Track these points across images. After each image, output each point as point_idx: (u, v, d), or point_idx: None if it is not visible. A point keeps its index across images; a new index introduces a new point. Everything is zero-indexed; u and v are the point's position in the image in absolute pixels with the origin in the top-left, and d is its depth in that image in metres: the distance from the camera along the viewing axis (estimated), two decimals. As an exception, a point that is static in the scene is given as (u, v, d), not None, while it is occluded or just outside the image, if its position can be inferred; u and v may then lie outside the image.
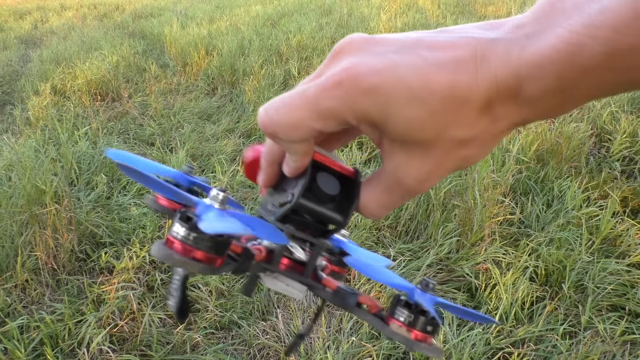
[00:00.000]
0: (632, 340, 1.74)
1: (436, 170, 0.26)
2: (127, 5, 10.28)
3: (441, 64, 0.23)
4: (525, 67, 0.22)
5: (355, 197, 0.30)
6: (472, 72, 0.23)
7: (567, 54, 0.20)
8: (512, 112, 0.24)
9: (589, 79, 0.21)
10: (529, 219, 2.37)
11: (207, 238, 0.26)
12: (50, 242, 2.12)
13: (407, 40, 0.25)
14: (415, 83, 0.23)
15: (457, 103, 0.23)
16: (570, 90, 0.22)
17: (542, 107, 0.23)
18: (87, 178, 2.82)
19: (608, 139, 3.01)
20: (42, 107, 3.90)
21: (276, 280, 0.33)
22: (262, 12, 7.44)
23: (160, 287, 2.03)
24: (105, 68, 4.73)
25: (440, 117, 0.24)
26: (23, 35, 7.85)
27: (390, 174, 0.28)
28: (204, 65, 5.01)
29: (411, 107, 0.24)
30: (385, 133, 0.26)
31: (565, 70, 0.21)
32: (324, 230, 0.32)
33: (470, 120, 0.24)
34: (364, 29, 5.61)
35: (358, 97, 0.24)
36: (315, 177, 0.30)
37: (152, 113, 4.00)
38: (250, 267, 0.31)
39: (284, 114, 0.26)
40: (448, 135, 0.25)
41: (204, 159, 3.23)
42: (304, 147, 0.28)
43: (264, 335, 1.82)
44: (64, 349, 1.73)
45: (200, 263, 0.26)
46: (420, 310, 0.29)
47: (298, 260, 0.32)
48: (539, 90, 0.22)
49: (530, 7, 0.24)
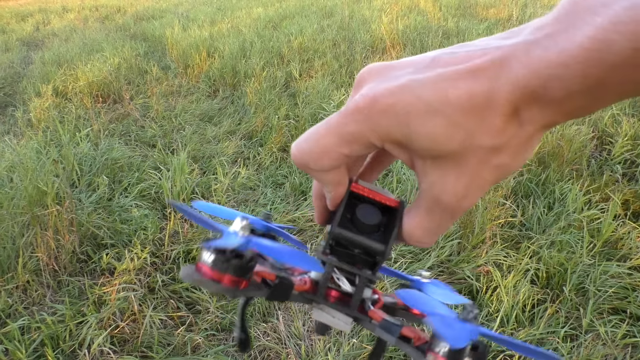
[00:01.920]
0: (633, 343, 1.74)
1: (473, 183, 0.26)
2: (128, 7, 10.31)
3: (458, 76, 0.24)
4: (548, 67, 0.21)
5: (396, 226, 0.30)
6: (491, 79, 0.23)
7: (594, 51, 0.20)
8: (538, 115, 0.23)
9: (616, 77, 0.20)
10: (530, 222, 2.37)
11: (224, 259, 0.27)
12: (52, 244, 2.12)
13: (423, 61, 0.25)
14: (431, 97, 0.24)
15: (479, 110, 0.23)
16: (596, 89, 0.21)
17: (568, 108, 0.23)
18: (88, 179, 2.83)
19: (609, 142, 3.01)
20: (43, 108, 3.91)
21: (322, 311, 0.33)
22: (263, 14, 7.46)
23: (161, 289, 2.03)
24: (106, 70, 4.74)
25: (463, 126, 0.24)
26: (25, 37, 7.87)
27: (427, 193, 0.27)
28: (205, 67, 5.02)
29: (431, 120, 0.24)
30: (413, 152, 0.26)
31: (592, 68, 0.20)
32: (372, 263, 0.32)
33: (497, 126, 0.24)
34: (365, 31, 5.62)
35: (377, 118, 0.25)
36: (356, 208, 0.31)
37: (154, 115, 4.00)
38: (291, 296, 0.31)
39: (312, 143, 0.27)
40: (476, 144, 0.24)
41: (205, 161, 3.24)
42: (336, 176, 0.29)
43: (265, 337, 1.82)
44: (64, 350, 1.73)
45: (219, 284, 0.26)
46: None
47: (345, 292, 0.33)
48: (564, 90, 0.22)
49: (531, 9, 0.24)
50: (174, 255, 2.21)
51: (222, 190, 2.72)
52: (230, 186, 2.82)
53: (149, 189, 2.75)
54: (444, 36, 5.23)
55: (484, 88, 0.23)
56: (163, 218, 2.54)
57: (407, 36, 5.21)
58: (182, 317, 1.93)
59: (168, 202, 0.38)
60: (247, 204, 2.70)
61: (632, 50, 0.19)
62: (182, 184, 2.67)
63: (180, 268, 2.15)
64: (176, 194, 2.62)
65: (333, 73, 4.43)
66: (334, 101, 3.56)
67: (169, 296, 2.01)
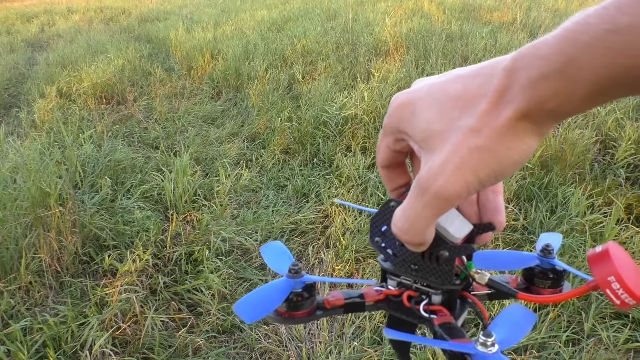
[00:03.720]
0: (635, 348, 1.73)
1: (449, 160, 0.26)
2: (133, 9, 10.34)
3: (462, 78, 0.28)
4: (532, 45, 0.24)
5: None
6: (488, 76, 0.27)
7: (571, 32, 0.23)
8: (517, 97, 0.25)
9: (588, 56, 0.22)
10: (532, 225, 2.37)
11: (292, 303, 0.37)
12: (54, 245, 2.13)
13: (442, 75, 0.30)
14: (437, 93, 0.29)
15: (470, 98, 0.27)
16: (570, 68, 0.23)
17: (542, 91, 0.24)
18: (91, 181, 2.84)
19: (613, 146, 3.00)
20: (47, 109, 3.92)
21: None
22: (267, 16, 7.47)
23: (163, 290, 2.03)
24: (110, 71, 4.76)
25: (454, 110, 0.28)
26: (30, 39, 7.91)
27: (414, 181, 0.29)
28: (209, 69, 5.03)
29: (430, 108, 0.29)
30: (416, 140, 0.30)
31: (569, 48, 0.22)
32: None
33: (481, 110, 0.26)
34: (368, 34, 5.62)
35: (395, 112, 0.31)
36: None
37: (157, 116, 4.01)
38: (366, 307, 0.39)
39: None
40: (460, 125, 0.27)
41: (207, 162, 3.24)
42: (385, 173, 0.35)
43: (266, 339, 1.82)
44: (66, 351, 1.74)
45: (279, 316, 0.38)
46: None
47: None
48: (541, 68, 0.24)
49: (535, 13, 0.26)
50: (176, 257, 2.21)
51: (225, 192, 2.72)
52: (232, 188, 2.83)
53: (152, 191, 2.75)
54: (447, 39, 5.23)
55: (477, 82, 0.27)
56: (165, 220, 2.55)
57: (411, 39, 5.21)
58: (183, 319, 1.93)
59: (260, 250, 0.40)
60: (249, 206, 2.70)
61: (606, 32, 0.21)
62: (185, 186, 2.68)
63: (182, 269, 2.16)
64: (178, 196, 2.63)
65: (336, 75, 4.43)
66: (337, 103, 3.56)
67: (170, 298, 2.02)
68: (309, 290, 0.38)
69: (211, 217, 2.49)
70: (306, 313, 0.38)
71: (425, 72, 4.30)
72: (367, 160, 2.96)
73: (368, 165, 2.95)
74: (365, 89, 3.72)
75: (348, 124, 3.36)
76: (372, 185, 2.71)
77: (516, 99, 0.25)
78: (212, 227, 2.39)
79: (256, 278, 2.13)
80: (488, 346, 0.29)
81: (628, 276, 0.27)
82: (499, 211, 0.34)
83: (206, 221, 2.42)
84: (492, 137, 0.26)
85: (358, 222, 2.40)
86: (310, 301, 0.38)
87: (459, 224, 0.33)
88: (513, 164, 0.26)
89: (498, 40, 5.13)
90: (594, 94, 0.23)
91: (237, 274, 2.17)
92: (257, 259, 2.26)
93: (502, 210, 0.34)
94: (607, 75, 0.22)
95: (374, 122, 3.36)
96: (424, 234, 0.29)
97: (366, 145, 3.19)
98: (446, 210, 0.28)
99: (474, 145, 0.26)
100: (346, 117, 3.41)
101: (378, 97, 3.59)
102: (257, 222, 2.50)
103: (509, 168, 0.26)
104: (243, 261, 2.26)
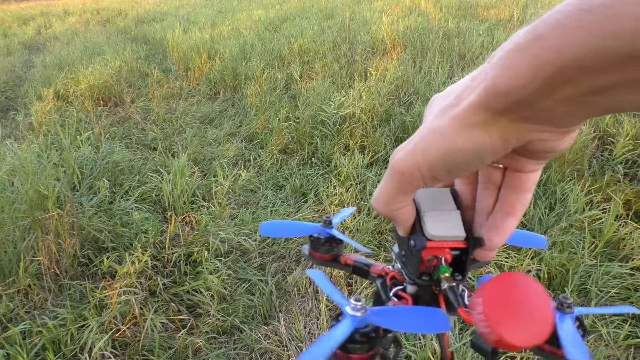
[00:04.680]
0: (635, 344, 1.73)
1: (412, 137, 0.29)
2: (129, 10, 10.33)
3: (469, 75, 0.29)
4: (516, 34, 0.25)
5: None
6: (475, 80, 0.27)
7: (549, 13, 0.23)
8: (477, 86, 0.26)
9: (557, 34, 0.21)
10: (531, 222, 2.37)
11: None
12: (53, 247, 2.12)
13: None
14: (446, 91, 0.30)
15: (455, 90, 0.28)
16: (533, 51, 0.22)
17: (500, 70, 0.24)
18: (89, 183, 2.83)
19: (611, 142, 3.00)
20: (45, 112, 3.92)
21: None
22: (264, 16, 7.46)
23: (162, 292, 2.03)
24: (107, 73, 4.75)
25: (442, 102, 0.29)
26: (26, 41, 7.90)
27: None
28: (206, 69, 5.03)
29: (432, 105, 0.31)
30: None
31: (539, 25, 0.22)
32: None
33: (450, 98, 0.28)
34: (365, 32, 5.62)
35: None
36: None
37: (155, 117, 4.01)
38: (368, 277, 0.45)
39: None
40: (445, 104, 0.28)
41: (205, 163, 3.24)
42: None
43: (266, 340, 1.82)
44: (66, 354, 1.73)
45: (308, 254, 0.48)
46: None
47: None
48: (501, 51, 0.24)
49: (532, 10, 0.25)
50: (175, 259, 2.21)
51: (223, 192, 2.72)
52: (230, 188, 2.82)
53: (150, 192, 2.75)
54: (444, 37, 5.23)
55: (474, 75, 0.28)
56: (164, 221, 2.54)
57: (408, 37, 5.20)
58: (183, 320, 1.93)
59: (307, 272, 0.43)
60: (247, 207, 2.70)
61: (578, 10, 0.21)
62: (183, 187, 2.67)
63: (181, 270, 2.16)
64: (177, 197, 2.62)
65: (334, 75, 4.42)
66: (335, 103, 3.55)
67: (170, 299, 2.01)
68: (329, 241, 0.47)
69: (210, 218, 2.49)
70: (322, 257, 0.47)
71: (422, 70, 4.30)
72: (366, 159, 2.96)
73: (366, 164, 2.94)
74: (363, 88, 3.72)
75: (346, 123, 3.36)
76: (371, 184, 2.70)
77: (478, 87, 0.26)
78: (210, 227, 2.39)
79: (255, 278, 2.12)
80: (358, 310, 0.33)
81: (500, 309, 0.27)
82: (497, 231, 0.33)
83: (205, 222, 2.41)
84: (448, 122, 0.27)
85: (358, 222, 2.40)
86: (328, 249, 0.47)
87: (445, 226, 0.33)
88: (460, 151, 0.27)
89: (495, 38, 5.13)
90: (553, 82, 0.22)
91: (237, 274, 2.16)
92: (256, 259, 2.26)
93: (503, 232, 0.33)
94: (572, 57, 0.21)
95: (371, 121, 3.36)
96: (388, 205, 0.31)
97: (364, 144, 3.19)
98: (407, 186, 0.30)
99: (431, 127, 0.28)
100: (344, 116, 3.40)
101: (376, 96, 3.59)
102: (256, 223, 2.49)
103: (456, 154, 0.27)
104: (242, 262, 2.25)
